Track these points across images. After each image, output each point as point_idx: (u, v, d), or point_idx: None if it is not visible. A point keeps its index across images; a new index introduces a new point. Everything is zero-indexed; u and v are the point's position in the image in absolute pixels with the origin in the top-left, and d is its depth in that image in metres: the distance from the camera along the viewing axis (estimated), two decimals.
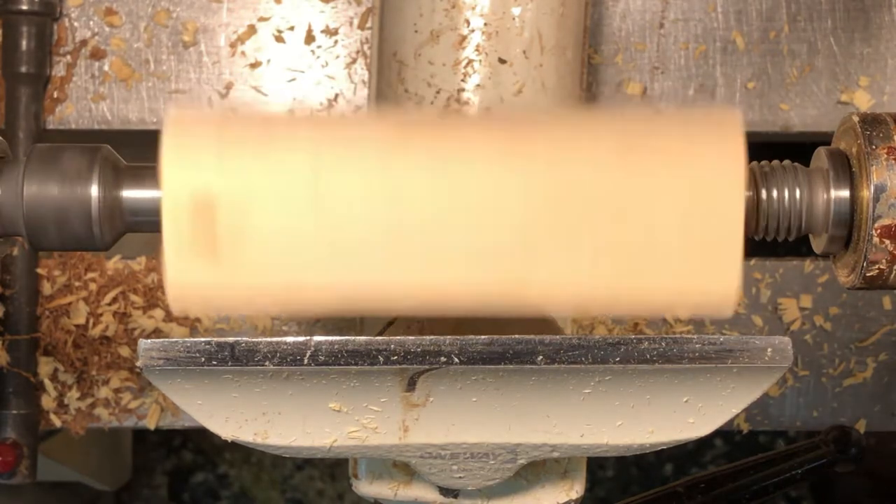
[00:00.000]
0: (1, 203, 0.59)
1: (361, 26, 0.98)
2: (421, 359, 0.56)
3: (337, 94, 0.98)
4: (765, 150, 0.70)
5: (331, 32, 0.99)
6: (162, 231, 0.55)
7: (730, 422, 0.61)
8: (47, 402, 0.98)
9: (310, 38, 0.98)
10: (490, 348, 0.56)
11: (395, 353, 0.56)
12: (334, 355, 0.56)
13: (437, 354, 0.56)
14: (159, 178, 0.55)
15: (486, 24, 0.75)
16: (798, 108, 0.99)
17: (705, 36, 0.99)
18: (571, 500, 0.71)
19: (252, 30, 0.98)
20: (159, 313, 0.97)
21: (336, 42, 0.99)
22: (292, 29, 0.98)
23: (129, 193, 0.59)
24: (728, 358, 0.57)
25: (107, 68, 0.98)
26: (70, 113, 0.98)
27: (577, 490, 0.71)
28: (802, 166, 0.61)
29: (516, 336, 0.56)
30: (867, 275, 0.59)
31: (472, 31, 0.75)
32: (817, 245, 0.63)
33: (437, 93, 0.75)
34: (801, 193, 0.60)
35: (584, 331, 0.98)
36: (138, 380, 0.98)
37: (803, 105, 0.99)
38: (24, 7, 0.95)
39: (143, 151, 0.61)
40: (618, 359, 0.56)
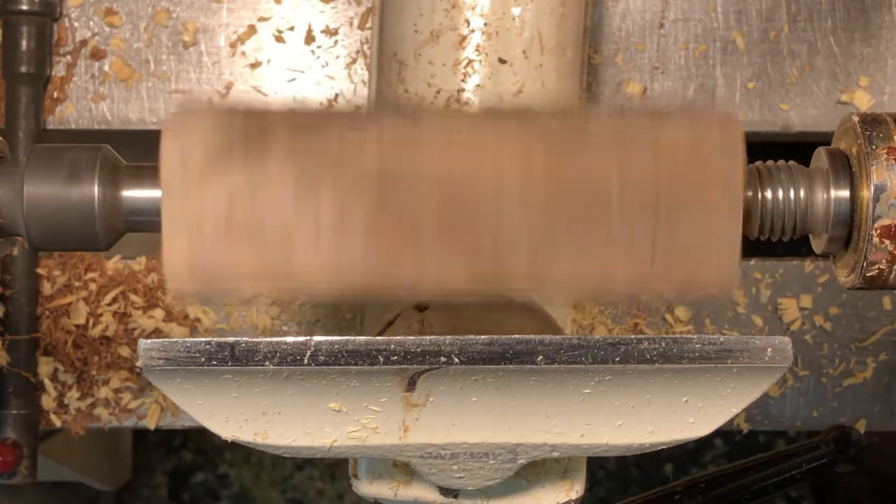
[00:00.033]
0: (1, 203, 0.59)
1: (361, 26, 0.98)
2: (421, 359, 0.56)
3: (337, 94, 0.98)
4: (765, 150, 0.70)
5: (331, 32, 0.99)
6: (162, 234, 0.55)
7: (730, 422, 0.61)
8: (47, 402, 0.98)
9: (310, 38, 0.98)
10: (490, 348, 0.56)
11: (395, 353, 0.56)
12: (334, 355, 0.56)
13: (437, 354, 0.56)
14: (159, 181, 0.55)
15: (486, 24, 0.75)
16: (798, 108, 0.99)
17: (705, 36, 0.99)
18: (571, 500, 0.71)
19: (252, 30, 0.98)
20: (159, 313, 0.97)
21: (336, 42, 0.99)
22: (292, 29, 0.98)
23: (129, 193, 0.59)
24: (728, 358, 0.57)
25: (107, 68, 0.98)
26: (70, 113, 0.98)
27: (577, 490, 0.71)
28: (802, 166, 0.61)
29: (516, 336, 0.56)
30: (867, 275, 0.59)
31: (472, 31, 0.75)
32: (817, 245, 0.62)
33: (437, 93, 0.75)
34: (801, 193, 0.60)
35: (584, 331, 0.98)
36: (138, 380, 0.98)
37: (803, 105, 0.99)
38: (24, 7, 0.95)
39: (143, 151, 0.61)
40: (618, 359, 0.56)
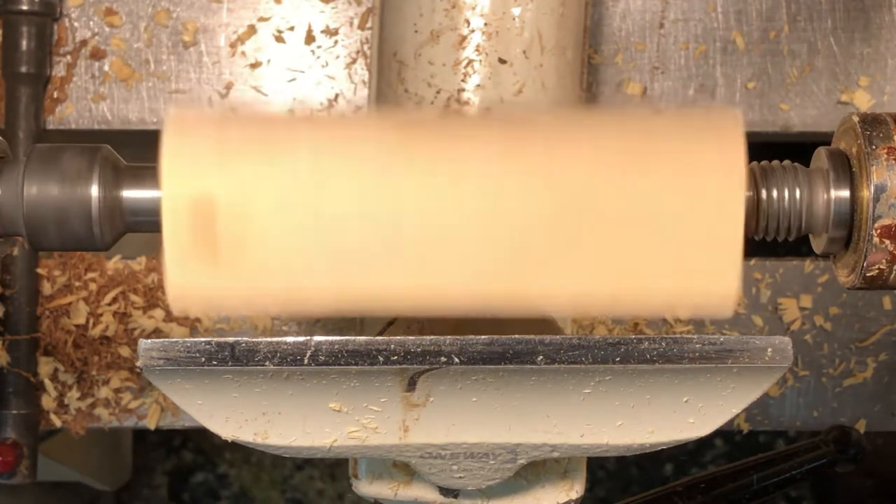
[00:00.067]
0: (1, 203, 0.59)
1: (361, 26, 0.98)
2: (421, 359, 0.56)
3: (337, 94, 0.98)
4: (765, 150, 0.70)
5: (331, 32, 0.99)
6: (162, 234, 0.55)
7: (730, 422, 0.61)
8: (47, 402, 0.98)
9: (310, 38, 0.98)
10: (490, 348, 0.56)
11: (395, 353, 0.56)
12: (334, 355, 0.56)
13: (437, 354, 0.56)
14: (159, 181, 0.55)
15: (486, 24, 0.75)
16: (798, 108, 0.99)
17: (705, 36, 0.99)
18: (571, 500, 0.71)
19: (252, 30, 0.98)
20: (159, 313, 0.97)
21: (336, 42, 0.99)
22: (292, 29, 0.98)
23: (129, 193, 0.59)
24: (728, 358, 0.57)
25: (107, 68, 0.98)
26: (70, 113, 0.98)
27: (577, 490, 0.71)
28: (802, 166, 0.61)
29: (516, 336, 0.56)
30: (867, 275, 0.59)
31: (472, 31, 0.75)
32: (817, 245, 0.62)
33: (438, 93, 0.75)
34: (801, 193, 0.60)
35: (584, 331, 0.98)
36: (138, 380, 0.98)
37: (803, 105, 0.99)
38: (24, 7, 0.95)
39: (143, 151, 0.61)
40: (618, 359, 0.56)
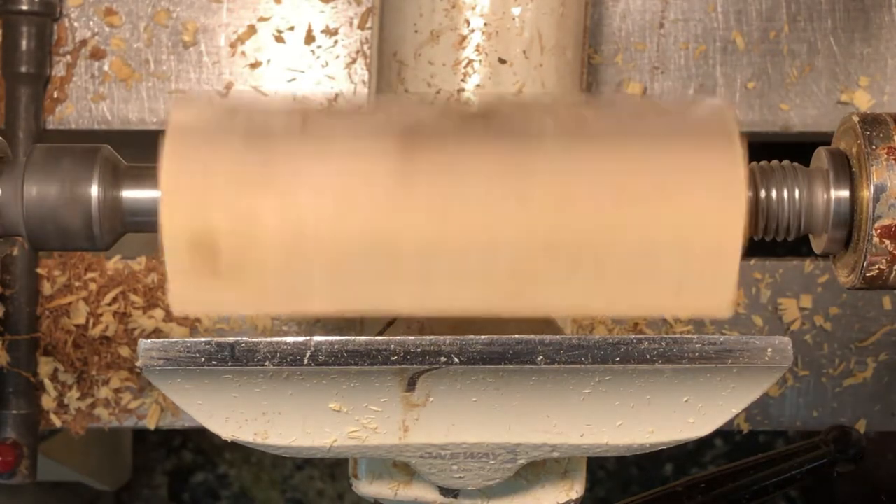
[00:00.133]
0: (1, 203, 0.59)
1: (361, 26, 0.98)
2: (421, 359, 0.56)
3: (337, 94, 0.98)
4: (765, 150, 0.70)
5: (331, 32, 0.99)
6: (164, 258, 0.55)
7: (730, 422, 0.61)
8: (47, 402, 0.98)
9: (310, 38, 0.98)
10: (490, 348, 0.56)
11: (395, 353, 0.56)
12: (334, 355, 0.56)
13: (437, 354, 0.56)
14: (159, 219, 0.55)
15: (486, 24, 0.75)
16: (798, 108, 0.99)
17: (705, 36, 0.99)
18: (571, 500, 0.71)
19: (252, 30, 0.98)
20: (159, 313, 0.97)
21: (336, 42, 0.99)
22: (292, 29, 0.98)
23: (129, 193, 0.59)
24: (728, 358, 0.57)
25: (107, 68, 0.98)
26: (70, 113, 0.98)
27: (577, 490, 0.71)
28: (802, 166, 0.61)
29: (516, 336, 0.56)
30: (867, 275, 0.59)
31: (472, 31, 0.75)
32: (817, 245, 0.62)
33: (438, 93, 0.75)
34: (801, 193, 0.60)
35: (584, 331, 0.98)
36: (138, 380, 0.98)
37: (803, 105, 0.99)
38: (24, 7, 0.95)
39: (143, 151, 0.61)
40: (618, 359, 0.56)
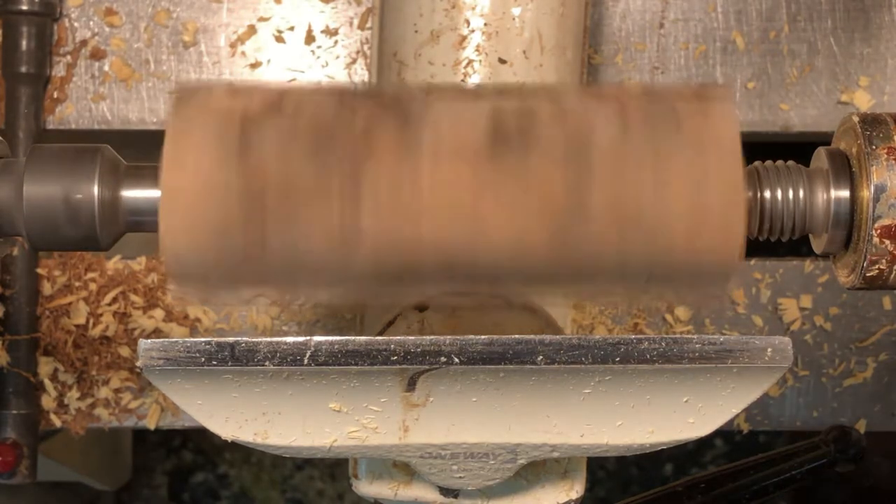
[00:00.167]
0: (1, 203, 0.59)
1: (361, 26, 0.98)
2: (421, 359, 0.56)
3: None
4: (765, 150, 0.70)
5: (331, 32, 0.99)
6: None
7: (730, 422, 0.61)
8: (47, 402, 0.98)
9: (310, 38, 0.98)
10: (490, 348, 0.56)
11: (395, 353, 0.56)
12: (334, 355, 0.56)
13: (437, 354, 0.56)
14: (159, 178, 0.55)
15: (486, 24, 0.75)
16: (798, 108, 0.99)
17: (705, 36, 0.99)
18: (571, 500, 0.71)
19: (252, 30, 0.98)
20: (159, 313, 0.97)
21: (336, 42, 0.99)
22: (292, 29, 0.98)
23: (129, 193, 0.59)
24: (728, 358, 0.57)
25: (107, 68, 0.98)
26: (70, 113, 0.98)
27: (577, 490, 0.71)
28: (802, 166, 0.61)
29: (516, 336, 0.56)
30: (867, 275, 0.59)
31: (472, 31, 0.75)
32: (817, 245, 0.62)
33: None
34: (801, 193, 0.60)
35: (584, 331, 0.98)
36: (138, 380, 0.98)
37: (803, 105, 0.99)
38: (24, 7, 0.95)
39: (143, 151, 0.61)
40: (618, 359, 0.56)
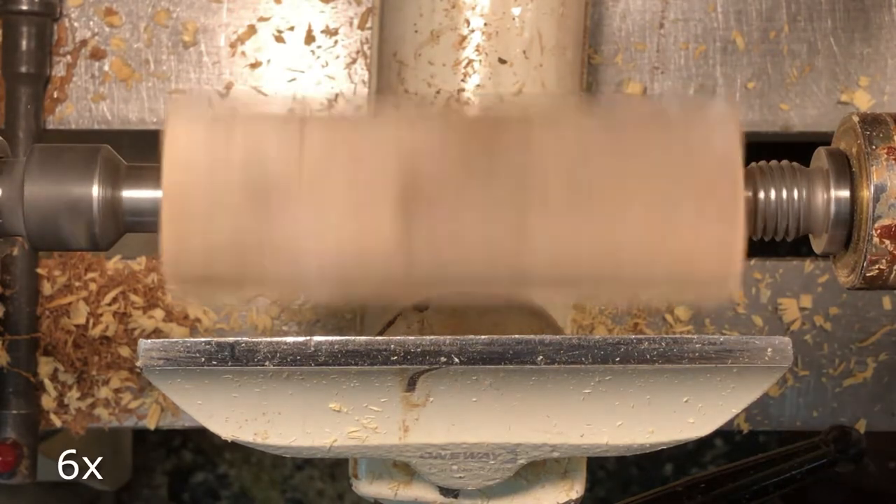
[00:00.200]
0: (1, 203, 0.59)
1: (361, 26, 0.98)
2: (421, 359, 0.56)
3: (337, 94, 0.98)
4: (765, 150, 0.70)
5: (331, 32, 0.99)
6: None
7: (730, 422, 0.61)
8: (47, 402, 0.98)
9: (310, 38, 0.98)
10: (490, 348, 0.56)
11: (395, 353, 0.56)
12: (334, 355, 0.56)
13: (437, 354, 0.56)
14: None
15: (486, 24, 0.75)
16: (798, 108, 0.99)
17: (705, 36, 0.99)
18: (571, 500, 0.71)
19: (252, 30, 0.98)
20: (159, 313, 0.97)
21: (336, 42, 0.99)
22: (292, 29, 0.98)
23: (129, 193, 0.59)
24: (728, 358, 0.57)
25: (107, 68, 0.98)
26: (70, 113, 0.98)
27: (577, 490, 0.71)
28: (802, 166, 0.61)
29: (516, 336, 0.56)
30: (867, 275, 0.59)
31: (472, 31, 0.75)
32: (817, 245, 0.62)
33: (437, 93, 0.75)
34: (801, 193, 0.60)
35: (584, 331, 0.98)
36: (138, 380, 0.98)
37: (803, 105, 0.99)
38: (24, 7, 0.95)
39: (143, 151, 0.61)
40: (618, 359, 0.56)
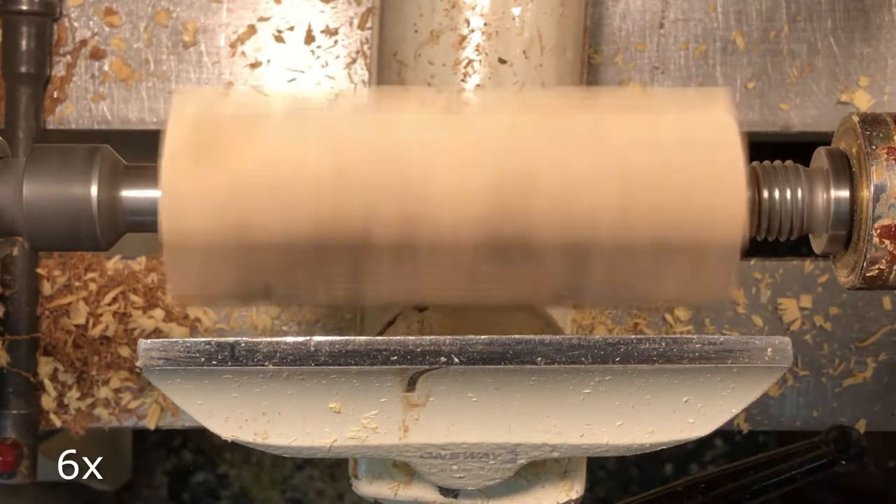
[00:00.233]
0: (1, 203, 0.59)
1: (361, 26, 0.98)
2: (421, 359, 0.56)
3: (337, 95, 0.98)
4: (765, 150, 0.70)
5: (331, 32, 0.99)
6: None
7: (730, 422, 0.61)
8: (47, 402, 0.98)
9: (310, 38, 0.98)
10: (490, 348, 0.56)
11: (395, 353, 0.56)
12: (334, 355, 0.56)
13: (437, 354, 0.56)
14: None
15: (486, 24, 0.75)
16: (798, 108, 0.99)
17: (705, 36, 0.99)
18: (571, 500, 0.71)
19: (252, 30, 0.98)
20: (159, 313, 0.97)
21: (336, 42, 0.99)
22: (292, 29, 0.98)
23: (129, 193, 0.59)
24: (728, 358, 0.57)
25: (107, 68, 0.98)
26: (70, 113, 0.98)
27: (577, 490, 0.71)
28: (802, 166, 0.61)
29: (516, 336, 0.56)
30: (867, 275, 0.59)
31: (472, 31, 0.75)
32: (817, 245, 0.63)
33: (437, 93, 0.75)
34: (801, 193, 0.60)
35: (584, 331, 0.98)
36: (138, 380, 0.98)
37: (803, 105, 0.99)
38: (24, 7, 0.95)
39: (143, 151, 0.61)
40: (618, 359, 0.56)
